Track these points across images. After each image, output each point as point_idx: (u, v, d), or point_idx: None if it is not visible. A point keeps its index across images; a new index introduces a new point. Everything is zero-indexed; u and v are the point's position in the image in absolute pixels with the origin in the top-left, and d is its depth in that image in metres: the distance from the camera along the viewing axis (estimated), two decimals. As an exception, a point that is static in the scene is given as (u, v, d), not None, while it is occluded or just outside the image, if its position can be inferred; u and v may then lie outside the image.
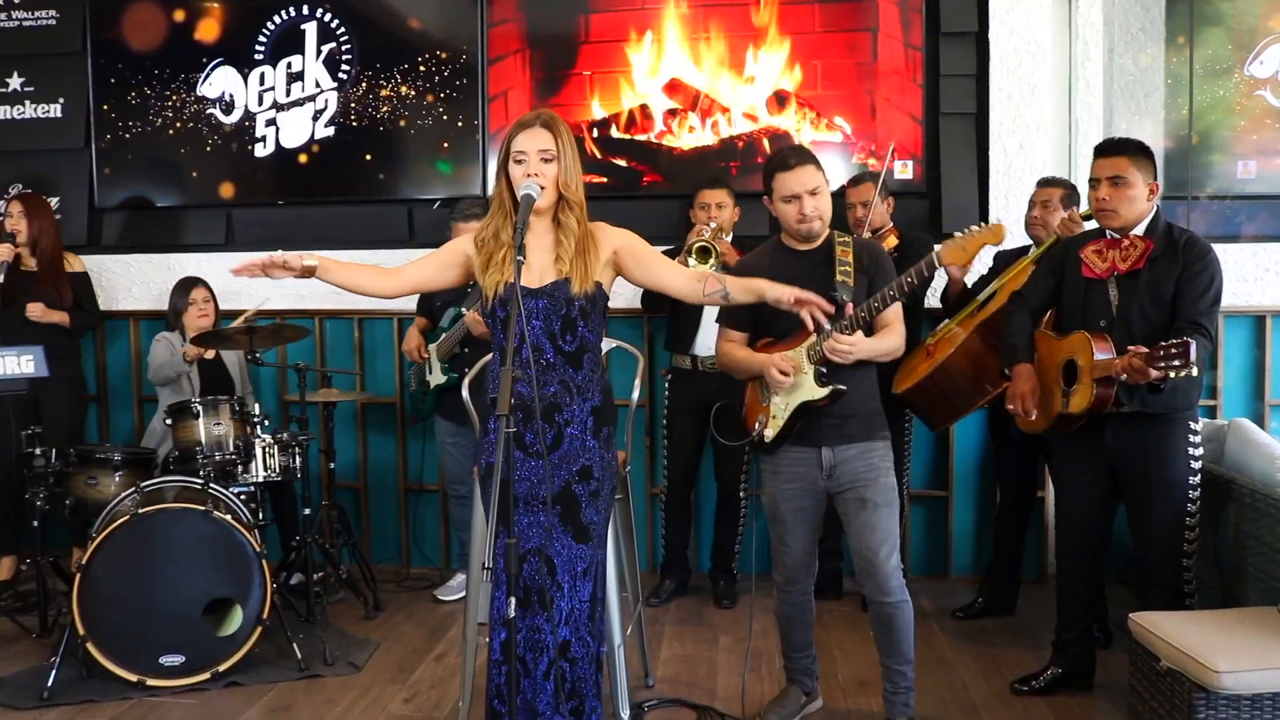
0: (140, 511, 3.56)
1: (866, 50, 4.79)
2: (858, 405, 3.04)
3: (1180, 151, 4.70)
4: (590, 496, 2.70)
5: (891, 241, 4.12)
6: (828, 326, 2.88)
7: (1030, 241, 4.12)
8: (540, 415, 2.63)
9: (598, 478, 2.71)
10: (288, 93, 5.10)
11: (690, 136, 4.89)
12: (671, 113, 4.89)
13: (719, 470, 4.58)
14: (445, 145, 5.01)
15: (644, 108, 4.90)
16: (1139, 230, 3.23)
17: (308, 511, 4.20)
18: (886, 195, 4.30)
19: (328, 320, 5.13)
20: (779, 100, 4.83)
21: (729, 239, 4.40)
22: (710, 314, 4.34)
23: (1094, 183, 3.27)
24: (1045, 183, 4.12)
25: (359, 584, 4.54)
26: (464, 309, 4.31)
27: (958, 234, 3.11)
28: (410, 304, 4.98)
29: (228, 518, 3.64)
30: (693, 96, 4.88)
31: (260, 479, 4.11)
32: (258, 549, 3.66)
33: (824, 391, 2.96)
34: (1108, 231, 3.28)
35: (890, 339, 3.03)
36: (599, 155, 4.90)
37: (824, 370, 2.96)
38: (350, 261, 2.80)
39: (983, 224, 3.11)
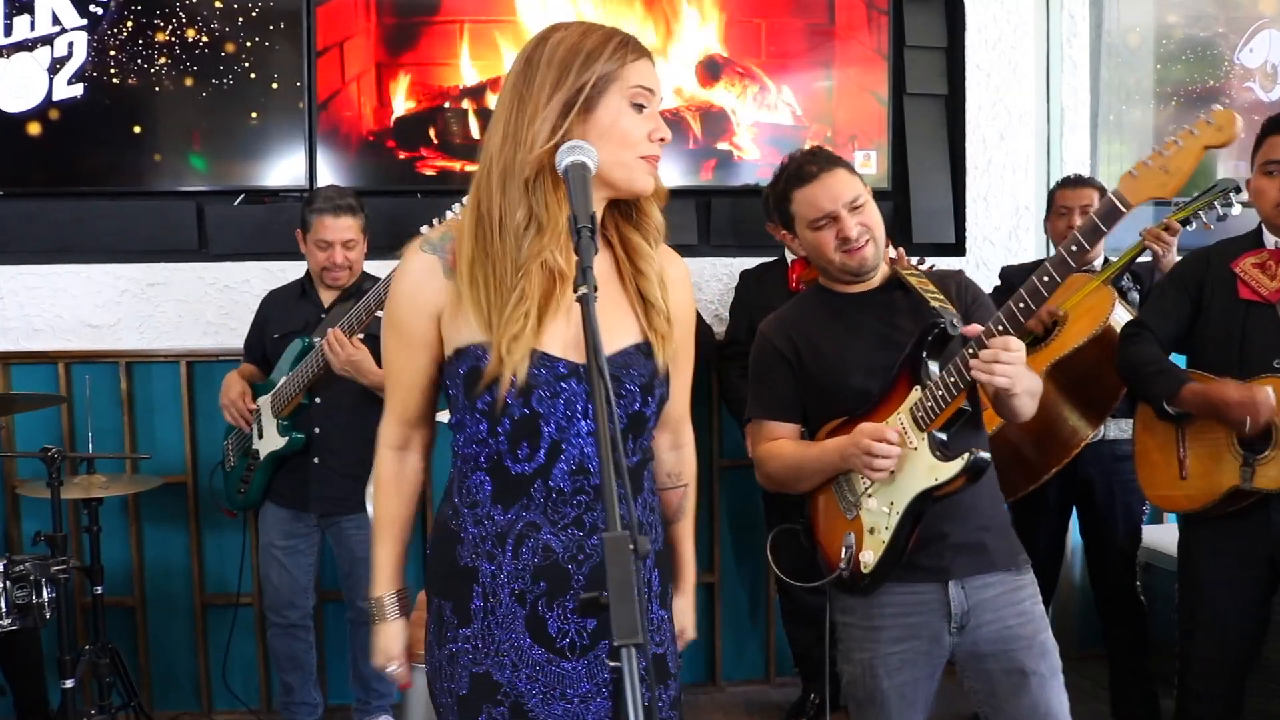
0: None
1: (822, 9, 3.76)
2: (990, 511, 2.01)
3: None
4: (671, 708, 1.57)
5: None
6: (934, 370, 1.88)
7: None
8: (586, 581, 1.48)
9: (674, 672, 1.59)
10: (8, 30, 3.46)
11: (599, 113, 3.69)
12: (575, 80, 3.67)
13: None
14: (253, 115, 3.55)
15: (537, 72, 3.64)
16: None
17: (69, 684, 2.67)
18: None
19: (77, 365, 3.51)
20: (710, 69, 3.72)
21: None
22: None
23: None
24: (1076, 182, 3.31)
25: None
26: (315, 338, 2.94)
27: (1141, 161, 1.78)
28: (206, 341, 3.53)
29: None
30: (602, 60, 3.68)
31: (-18, 633, 2.60)
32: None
33: (955, 467, 1.83)
34: (1267, 238, 2.45)
35: (1035, 376, 1.91)
36: (475, 135, 3.59)
37: (943, 438, 1.87)
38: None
39: (1195, 124, 1.74)
